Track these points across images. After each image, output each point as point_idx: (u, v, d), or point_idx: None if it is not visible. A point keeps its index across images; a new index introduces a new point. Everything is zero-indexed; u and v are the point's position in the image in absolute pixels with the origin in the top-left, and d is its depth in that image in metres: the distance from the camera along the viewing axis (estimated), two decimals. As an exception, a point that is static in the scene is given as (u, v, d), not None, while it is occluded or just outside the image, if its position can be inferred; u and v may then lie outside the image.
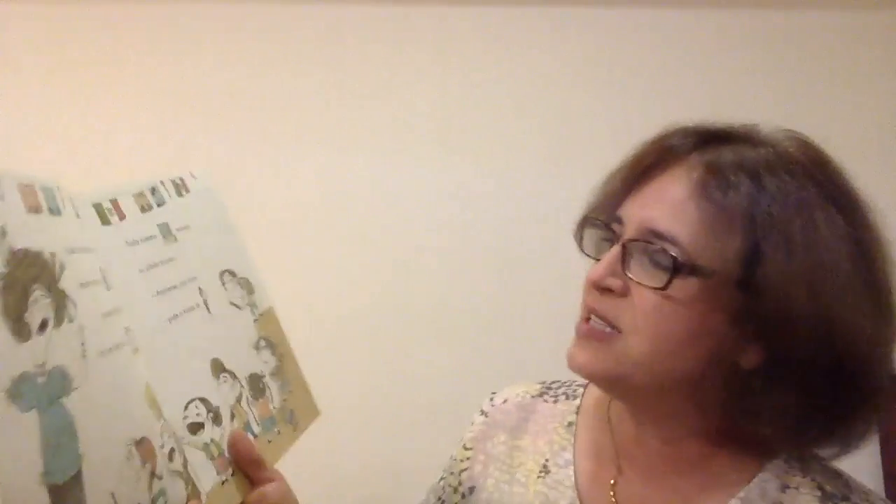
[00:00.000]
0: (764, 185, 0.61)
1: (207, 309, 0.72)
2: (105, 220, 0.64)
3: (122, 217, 0.66)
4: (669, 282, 0.62)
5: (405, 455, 1.49)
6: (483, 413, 0.85)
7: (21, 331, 0.44)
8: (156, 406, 0.59)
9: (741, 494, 0.66)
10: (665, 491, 0.67)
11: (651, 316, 0.63)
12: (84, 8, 1.42)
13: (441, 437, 0.93)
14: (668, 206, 0.64)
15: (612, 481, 0.71)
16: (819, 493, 0.65)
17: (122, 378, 0.54)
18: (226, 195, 0.80)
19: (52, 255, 0.49)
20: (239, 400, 0.72)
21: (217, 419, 0.68)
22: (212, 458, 0.66)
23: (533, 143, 1.60)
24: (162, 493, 0.56)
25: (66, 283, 0.50)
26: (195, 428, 0.65)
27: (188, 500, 0.60)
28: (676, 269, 0.62)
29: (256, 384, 0.76)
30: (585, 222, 0.71)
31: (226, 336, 0.74)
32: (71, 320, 0.50)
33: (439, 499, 0.85)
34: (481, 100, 1.58)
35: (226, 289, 0.77)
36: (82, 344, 0.50)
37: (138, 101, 1.58)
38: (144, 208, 0.69)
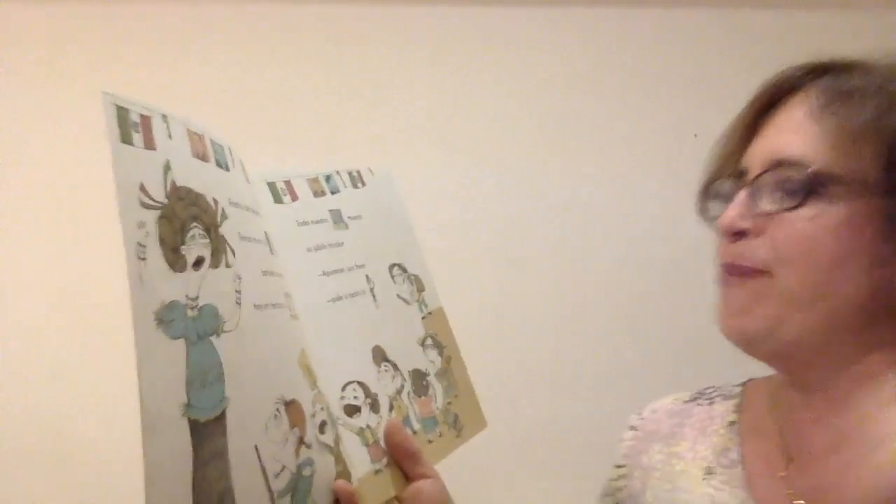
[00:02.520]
0: (889, 98, 0.58)
1: (373, 297, 0.71)
2: (277, 199, 0.66)
3: (294, 198, 0.67)
4: (806, 197, 0.58)
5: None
6: (632, 428, 0.77)
7: (176, 262, 0.45)
8: (311, 374, 0.57)
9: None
10: (842, 468, 0.60)
11: (796, 242, 0.59)
12: (85, 8, 1.39)
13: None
14: (789, 132, 0.61)
15: (782, 474, 0.64)
16: None
17: (276, 336, 0.54)
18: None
19: (215, 201, 0.50)
20: (399, 392, 0.70)
21: (375, 406, 0.65)
22: (366, 444, 0.63)
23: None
24: (309, 462, 0.54)
25: (227, 230, 0.51)
26: (351, 410, 0.63)
27: (337, 477, 0.57)
28: (811, 184, 0.58)
29: (420, 381, 0.73)
30: (708, 191, 0.67)
31: (390, 327, 0.72)
32: (228, 266, 0.50)
33: None
34: (480, 100, 1.49)
35: (394, 282, 0.75)
36: (238, 291, 0.50)
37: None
38: (317, 193, 0.70)
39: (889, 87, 0.59)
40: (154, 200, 0.44)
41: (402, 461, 0.65)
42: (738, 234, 0.61)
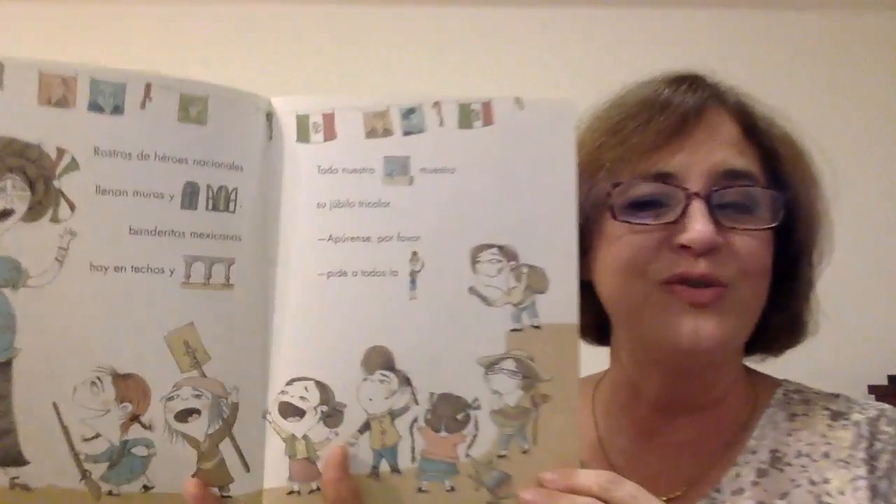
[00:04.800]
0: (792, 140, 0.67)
1: (411, 283, 0.54)
2: (302, 136, 0.55)
3: (329, 136, 0.55)
4: (772, 215, 0.63)
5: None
6: None
7: (-35, 209, 0.47)
8: (189, 355, 0.50)
9: (756, 433, 0.66)
10: (685, 465, 0.66)
11: (757, 257, 0.62)
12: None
13: None
14: (728, 146, 0.64)
15: None
16: (828, 412, 0.66)
17: (123, 303, 0.49)
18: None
19: (60, 150, 0.48)
20: (395, 414, 0.53)
21: (333, 418, 0.52)
22: (291, 455, 0.52)
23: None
24: (145, 442, 0.50)
25: (72, 183, 0.48)
26: (288, 410, 0.52)
27: (203, 476, 0.51)
28: (773, 202, 0.63)
29: (450, 411, 0.53)
30: (631, 185, 0.63)
31: (428, 328, 0.53)
32: (56, 220, 0.48)
33: None
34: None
35: (475, 269, 0.54)
36: (63, 248, 0.48)
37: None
38: (376, 132, 0.55)
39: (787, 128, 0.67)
40: (-51, 151, 0.46)
41: (331, 496, 0.51)
42: (712, 249, 0.60)
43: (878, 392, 1.37)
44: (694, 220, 0.60)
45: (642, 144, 0.63)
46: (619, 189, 0.62)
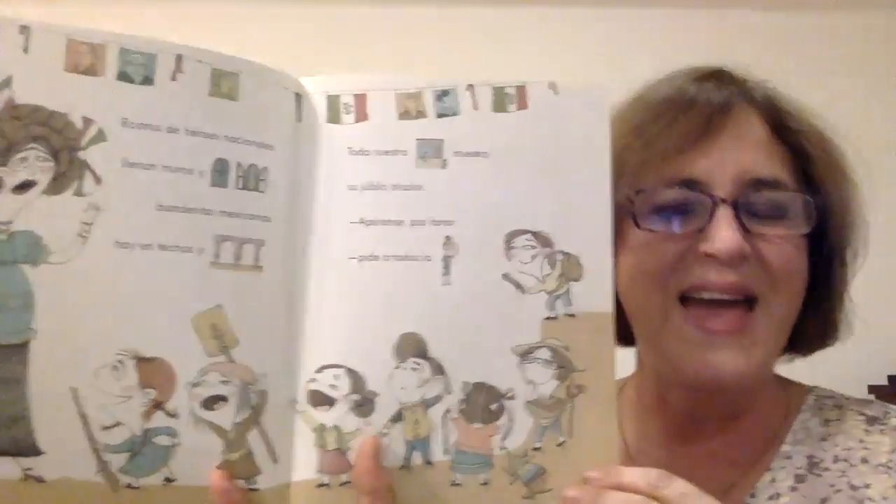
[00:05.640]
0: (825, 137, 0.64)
1: (444, 268, 0.52)
2: (333, 117, 0.53)
3: (361, 117, 0.53)
4: (804, 221, 0.60)
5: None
6: None
7: (-18, 181, 0.44)
8: (217, 339, 0.48)
9: (789, 439, 0.64)
10: (718, 472, 0.63)
11: (789, 264, 0.59)
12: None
13: None
14: (754, 149, 0.61)
15: None
16: (863, 418, 0.64)
17: (150, 282, 0.46)
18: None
19: (87, 120, 0.46)
20: (428, 404, 0.51)
21: (365, 407, 0.50)
22: (321, 446, 0.50)
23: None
24: (169, 431, 0.47)
25: (98, 154, 0.46)
26: (318, 399, 0.50)
27: (228, 468, 0.48)
28: (806, 209, 0.60)
29: (482, 400, 0.51)
30: (654, 192, 0.60)
31: (461, 315, 0.52)
32: (80, 194, 0.46)
33: None
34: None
35: (509, 256, 0.53)
36: (87, 223, 0.46)
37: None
38: (409, 114, 0.53)
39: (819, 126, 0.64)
40: (-32, 118, 0.44)
41: (363, 487, 0.49)
42: (741, 259, 0.58)
43: (878, 392, 1.38)
44: (720, 227, 0.57)
45: (666, 148, 0.60)
46: (642, 196, 0.60)
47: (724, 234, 0.57)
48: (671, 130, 0.60)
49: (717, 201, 0.58)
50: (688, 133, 0.60)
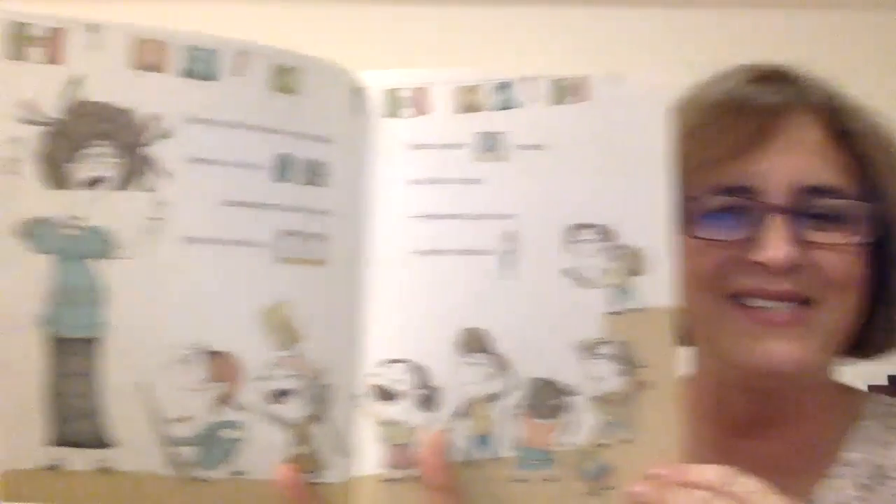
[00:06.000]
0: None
1: (506, 262, 0.51)
2: (392, 111, 0.53)
3: (421, 111, 0.53)
4: (863, 228, 0.58)
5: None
6: None
7: (57, 179, 0.45)
8: (283, 333, 0.48)
9: (850, 446, 0.62)
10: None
11: (844, 273, 0.58)
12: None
13: None
14: (810, 154, 0.59)
15: None
16: None
17: (217, 277, 0.47)
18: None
19: (155, 116, 0.46)
20: (491, 399, 0.51)
21: (430, 402, 0.50)
22: (386, 441, 0.50)
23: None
24: (235, 425, 0.47)
25: (164, 150, 0.46)
26: (382, 394, 0.50)
27: (296, 461, 0.48)
28: (863, 217, 0.58)
29: (545, 396, 0.51)
30: (705, 199, 0.59)
31: (520, 309, 0.51)
32: (148, 189, 0.46)
33: None
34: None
35: (571, 250, 0.52)
36: (154, 218, 0.46)
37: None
38: (467, 108, 0.53)
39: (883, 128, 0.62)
40: (41, 116, 0.44)
41: (431, 484, 0.49)
42: (792, 268, 0.56)
43: (878, 392, 1.33)
44: (771, 237, 0.56)
45: (718, 154, 0.59)
46: (691, 202, 0.58)
47: (775, 243, 0.56)
48: (723, 136, 0.59)
49: (769, 209, 0.57)
50: (741, 138, 0.58)
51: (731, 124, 0.59)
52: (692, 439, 0.66)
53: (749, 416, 0.64)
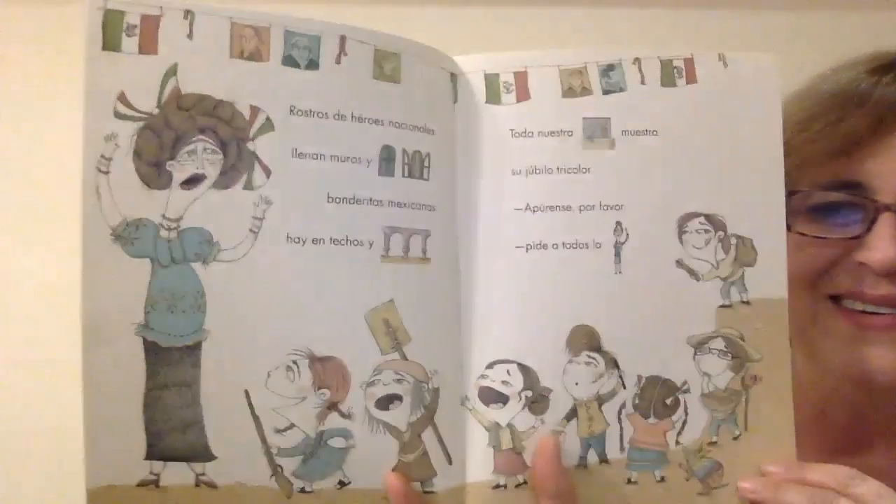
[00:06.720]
0: None
1: (616, 256, 0.49)
2: (493, 97, 0.50)
3: (524, 96, 0.50)
4: None
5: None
6: None
7: (154, 178, 0.41)
8: (390, 335, 0.46)
9: None
10: None
11: None
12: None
13: None
14: None
15: None
16: None
17: (322, 279, 0.44)
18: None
19: (254, 109, 0.43)
20: (602, 400, 0.49)
21: (538, 405, 0.48)
22: (495, 446, 0.48)
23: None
24: (343, 433, 0.45)
25: (267, 145, 0.43)
26: (490, 396, 0.48)
27: (404, 469, 0.46)
28: None
29: (658, 394, 0.49)
30: (812, 194, 0.57)
31: (633, 305, 0.49)
32: (251, 187, 0.43)
33: None
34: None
35: (682, 241, 0.50)
36: (258, 218, 0.43)
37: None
38: (574, 91, 0.50)
39: None
40: (136, 110, 0.41)
41: (542, 490, 0.47)
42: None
43: None
44: (880, 237, 0.54)
45: (830, 147, 0.56)
46: (797, 197, 0.56)
47: (884, 244, 0.53)
48: (837, 128, 0.56)
49: (880, 207, 0.54)
50: (856, 132, 0.56)
51: (846, 116, 0.56)
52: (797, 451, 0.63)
53: (852, 427, 0.61)
